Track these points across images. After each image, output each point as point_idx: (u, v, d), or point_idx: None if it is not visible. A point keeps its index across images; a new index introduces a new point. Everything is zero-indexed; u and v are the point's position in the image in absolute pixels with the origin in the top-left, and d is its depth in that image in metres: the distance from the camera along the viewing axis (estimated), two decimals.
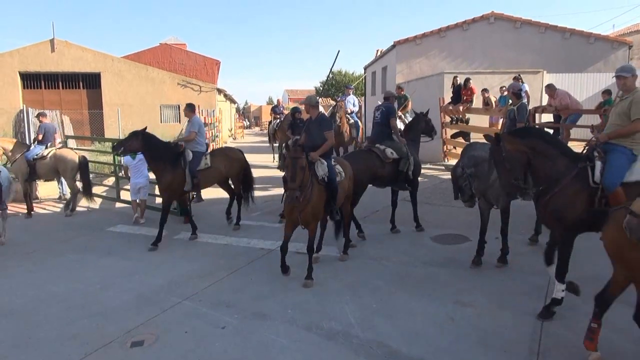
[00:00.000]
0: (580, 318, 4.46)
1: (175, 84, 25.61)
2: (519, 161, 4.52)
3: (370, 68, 26.62)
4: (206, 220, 8.66)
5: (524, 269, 5.78)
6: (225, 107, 31.84)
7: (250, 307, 4.93)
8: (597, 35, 19.90)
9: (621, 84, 4.56)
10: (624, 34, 29.70)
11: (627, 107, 4.44)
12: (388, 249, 6.73)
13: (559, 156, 4.49)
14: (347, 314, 4.72)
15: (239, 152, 8.50)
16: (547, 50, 18.92)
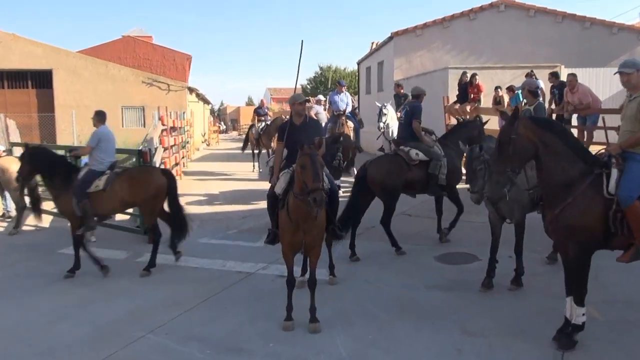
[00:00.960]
0: (606, 347, 4.50)
1: (140, 82, 25.55)
2: (525, 150, 4.48)
3: (364, 63, 26.79)
4: None
5: (542, 292, 5.80)
6: (197, 108, 31.81)
7: (226, 341, 4.88)
8: (620, 25, 20.22)
9: (624, 82, 4.54)
10: None
11: (637, 109, 4.38)
12: (386, 271, 6.73)
13: (575, 159, 4.44)
14: (338, 347, 4.69)
15: (157, 175, 7.38)
16: (565, 42, 19.16)
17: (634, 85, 4.50)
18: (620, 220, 4.22)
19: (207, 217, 10.29)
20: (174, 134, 15.78)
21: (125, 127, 25.13)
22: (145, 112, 25.24)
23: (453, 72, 15.19)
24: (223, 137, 46.23)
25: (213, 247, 8.10)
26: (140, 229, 8.60)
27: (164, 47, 32.47)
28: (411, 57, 20.18)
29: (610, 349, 4.48)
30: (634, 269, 5.07)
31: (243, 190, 13.31)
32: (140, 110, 25.58)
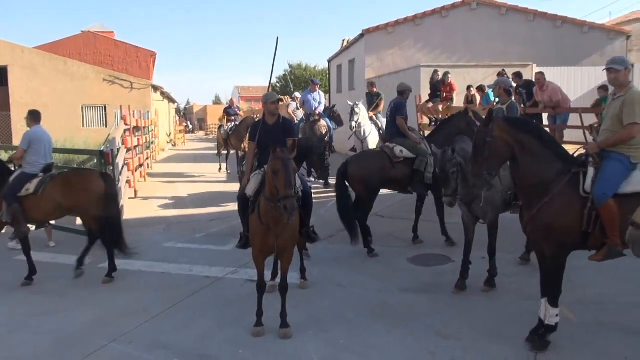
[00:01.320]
0: (579, 348, 4.61)
1: (101, 79, 25.17)
2: (501, 153, 4.58)
3: (335, 61, 26.87)
4: (139, 242, 8.47)
5: (515, 293, 5.91)
6: (162, 107, 31.46)
7: (194, 349, 4.85)
8: (591, 24, 20.76)
9: (612, 79, 4.62)
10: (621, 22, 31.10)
11: (620, 108, 4.47)
12: (359, 274, 6.77)
13: (551, 159, 4.54)
14: (310, 353, 4.70)
15: (95, 179, 7.04)
16: (537, 40, 19.57)
17: (621, 82, 4.58)
18: (595, 219, 4.33)
19: (173, 221, 10.19)
20: (137, 134, 15.56)
21: (85, 126, 24.75)
22: (107, 111, 24.89)
23: (425, 71, 15.36)
24: (190, 137, 45.80)
25: (180, 252, 8.02)
26: None
27: (126, 44, 32.04)
28: (383, 55, 20.31)
29: (583, 350, 4.60)
30: (607, 270, 5.22)
31: (211, 192, 13.21)
32: (101, 109, 25.19)
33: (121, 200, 9.11)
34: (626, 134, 4.44)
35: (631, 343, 4.64)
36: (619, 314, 5.25)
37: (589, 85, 15.55)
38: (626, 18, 34.23)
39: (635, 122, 4.39)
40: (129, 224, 9.52)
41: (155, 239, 8.75)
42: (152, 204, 11.94)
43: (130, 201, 11.66)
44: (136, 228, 9.51)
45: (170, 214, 10.81)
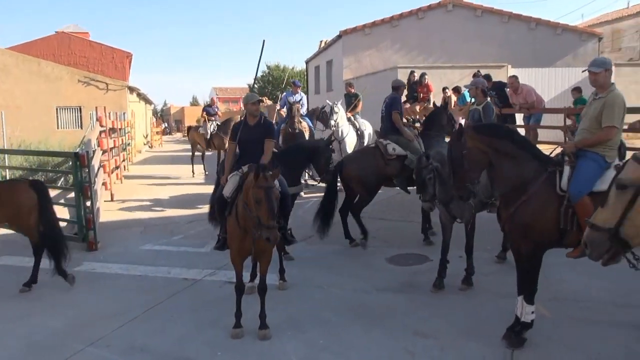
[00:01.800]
0: (554, 344, 4.68)
1: (76, 80, 24.83)
2: (479, 162, 4.67)
3: (312, 62, 26.93)
4: (115, 245, 8.39)
5: (492, 292, 5.97)
6: (139, 108, 31.14)
7: (172, 351, 4.80)
8: (564, 25, 21.15)
9: (592, 80, 4.69)
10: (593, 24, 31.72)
11: (600, 110, 4.54)
12: (337, 274, 6.77)
13: (527, 159, 4.62)
14: (289, 354, 4.69)
15: (23, 189, 6.58)
16: (512, 42, 19.87)
17: (601, 84, 4.65)
18: (571, 216, 4.40)
19: (150, 223, 10.09)
20: (113, 135, 15.37)
21: (60, 128, 24.39)
22: (82, 112, 24.57)
23: (402, 72, 15.48)
24: (167, 139, 45.40)
25: (157, 254, 7.94)
26: (79, 236, 8.34)
27: (102, 44, 31.64)
28: (360, 56, 20.42)
29: (558, 346, 4.66)
30: (581, 267, 5.30)
31: (189, 194, 13.10)
32: (76, 111, 24.85)
33: (97, 202, 8.99)
34: (604, 135, 4.52)
35: (605, 338, 4.72)
36: (593, 310, 5.34)
37: (562, 85, 15.82)
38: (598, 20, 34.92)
39: (613, 125, 4.48)
40: (106, 227, 9.41)
41: (133, 242, 8.65)
42: (128, 206, 11.80)
43: (106, 204, 11.51)
44: (113, 230, 9.39)
45: (147, 216, 10.69)
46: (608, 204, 2.77)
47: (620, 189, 2.69)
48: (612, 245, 2.73)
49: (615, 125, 4.50)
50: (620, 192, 2.68)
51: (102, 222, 9.42)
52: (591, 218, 2.89)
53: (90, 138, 11.01)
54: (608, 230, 2.70)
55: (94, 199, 8.43)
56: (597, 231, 2.74)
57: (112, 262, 7.50)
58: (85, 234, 8.18)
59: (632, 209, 2.62)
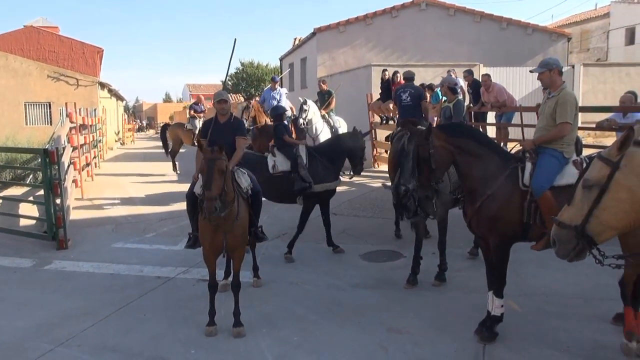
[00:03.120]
0: (525, 338, 4.76)
1: (45, 76, 24.31)
2: (444, 160, 4.78)
3: (287, 59, 26.86)
4: (86, 243, 8.26)
5: (465, 287, 6.05)
6: (110, 105, 30.66)
7: (144, 350, 4.75)
8: (535, 26, 21.48)
9: (540, 80, 4.99)
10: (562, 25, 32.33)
11: (553, 108, 4.78)
12: (311, 272, 6.78)
13: (490, 156, 4.78)
14: (263, 351, 4.68)
15: None
16: (483, 41, 20.10)
17: (547, 83, 4.92)
18: (534, 210, 4.55)
19: (122, 220, 9.95)
20: (84, 132, 15.11)
21: (29, 124, 23.86)
22: (52, 108, 24.06)
23: (376, 70, 15.50)
24: (139, 136, 44.82)
25: (129, 252, 7.83)
26: (48, 234, 8.18)
27: (72, 39, 31.00)
28: (334, 53, 20.43)
29: (528, 339, 4.75)
30: (549, 262, 5.40)
31: (161, 191, 12.96)
32: (46, 107, 24.33)
33: (67, 200, 8.83)
34: (559, 132, 4.73)
35: (574, 331, 4.82)
36: (562, 304, 5.45)
37: (532, 85, 16.05)
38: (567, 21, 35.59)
39: (567, 122, 4.70)
40: (76, 225, 9.26)
41: (104, 240, 8.52)
42: (99, 203, 11.61)
43: (77, 201, 11.32)
44: (83, 228, 9.24)
45: (119, 214, 10.54)
46: (574, 202, 2.82)
47: (587, 188, 2.74)
48: (578, 242, 2.78)
49: (569, 121, 4.72)
50: (586, 191, 2.74)
51: (72, 220, 9.26)
52: (558, 216, 2.94)
53: (60, 134, 10.81)
54: (575, 227, 2.75)
55: (63, 197, 8.28)
56: (564, 229, 2.79)
57: (82, 260, 7.38)
58: (55, 232, 8.02)
59: (597, 207, 2.68)
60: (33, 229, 8.85)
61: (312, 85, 19.87)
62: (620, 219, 2.64)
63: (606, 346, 4.50)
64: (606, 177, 2.66)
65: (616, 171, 2.63)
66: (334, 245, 7.49)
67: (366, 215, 9.61)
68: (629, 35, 28.94)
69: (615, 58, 27.84)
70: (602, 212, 2.67)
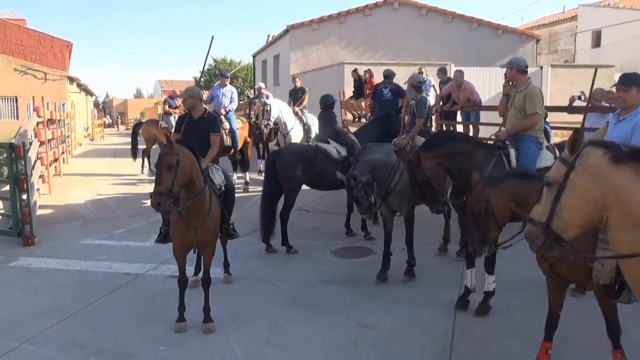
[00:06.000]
0: (495, 333, 4.85)
1: (12, 69, 23.79)
2: (441, 174, 5.12)
3: (260, 56, 26.76)
4: (53, 239, 8.11)
5: (434, 283, 6.12)
6: (79, 99, 30.11)
7: (112, 347, 4.68)
8: (505, 27, 21.84)
9: (506, 75, 5.65)
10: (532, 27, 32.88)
11: (523, 101, 5.41)
12: (282, 268, 6.78)
13: (474, 149, 5.22)
14: (233, 347, 4.66)
15: None
16: (454, 41, 20.34)
17: (512, 79, 5.59)
18: None
19: (90, 217, 9.78)
20: (52, 126, 14.80)
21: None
22: (19, 102, 23.54)
23: (349, 68, 15.57)
24: (109, 132, 44.09)
25: (97, 248, 7.70)
26: (14, 230, 8.00)
27: (40, 32, 30.14)
28: (307, 51, 20.44)
29: (497, 334, 4.84)
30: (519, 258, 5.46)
31: (131, 188, 12.81)
32: (12, 101, 23.81)
33: (34, 196, 8.65)
34: (530, 121, 5.41)
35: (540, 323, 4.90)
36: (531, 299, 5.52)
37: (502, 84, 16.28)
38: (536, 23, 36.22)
39: (536, 112, 5.40)
40: (42, 221, 9.08)
41: (71, 236, 8.37)
42: (67, 199, 11.39)
43: (44, 197, 11.08)
44: (50, 224, 9.06)
45: (87, 210, 10.36)
46: (542, 200, 2.89)
47: (547, 186, 2.81)
48: (546, 238, 2.84)
49: (538, 112, 5.41)
50: (547, 189, 2.81)
51: (39, 216, 9.07)
52: (531, 213, 3.01)
53: (26, 129, 10.59)
54: (541, 224, 2.81)
55: (30, 192, 8.09)
56: (534, 225, 2.86)
57: (49, 257, 7.24)
58: (21, 228, 7.84)
59: (558, 205, 2.75)
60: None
61: (284, 82, 19.84)
62: (579, 217, 2.71)
63: (573, 339, 4.61)
64: (563, 177, 2.73)
65: (571, 171, 2.71)
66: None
67: (337, 212, 9.63)
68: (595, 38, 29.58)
69: (582, 60, 28.42)
70: (563, 210, 2.74)
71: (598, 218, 2.68)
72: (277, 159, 7.49)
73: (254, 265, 6.85)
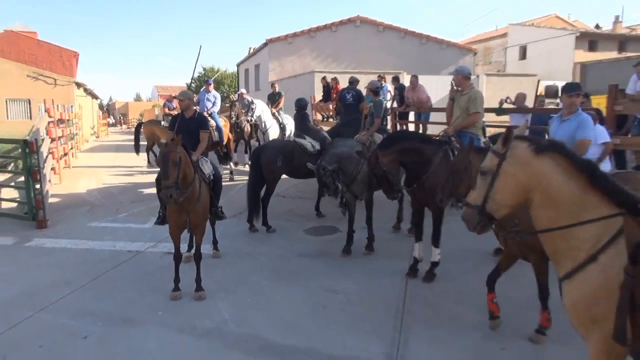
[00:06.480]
0: (441, 295, 4.93)
1: (25, 75, 22.98)
2: (396, 168, 5.13)
3: (243, 65, 26.46)
4: (64, 223, 7.92)
5: (389, 255, 6.18)
6: (86, 102, 29.31)
7: (117, 314, 4.62)
8: (448, 42, 22.02)
9: (454, 81, 5.71)
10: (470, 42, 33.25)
11: (467, 102, 5.43)
12: (263, 245, 6.76)
13: (424, 145, 5.22)
14: (221, 311, 4.64)
15: None
16: (407, 53, 20.48)
17: (458, 84, 5.64)
18: None
19: (97, 203, 9.57)
20: (61, 125, 14.37)
21: (10, 119, 22.54)
22: (32, 105, 22.79)
23: (318, 76, 15.53)
24: (113, 130, 43.11)
25: (103, 230, 7.55)
26: (28, 215, 7.78)
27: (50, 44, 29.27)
28: (283, 61, 20.31)
29: (441, 296, 4.92)
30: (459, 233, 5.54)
31: (133, 178, 12.56)
32: (26, 103, 23.04)
33: (46, 185, 8.42)
34: (472, 119, 5.48)
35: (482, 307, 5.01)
36: (477, 261, 5.64)
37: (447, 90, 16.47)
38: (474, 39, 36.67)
39: (478, 112, 5.47)
40: (54, 207, 8.85)
41: (80, 220, 8.18)
42: (76, 189, 11.12)
43: (55, 187, 10.80)
44: (61, 210, 8.84)
45: (94, 198, 10.13)
46: (476, 186, 2.93)
47: (482, 174, 2.85)
48: (481, 219, 2.89)
49: (479, 111, 5.46)
50: (483, 177, 2.85)
51: (51, 203, 8.84)
52: (466, 198, 3.05)
53: (39, 127, 10.29)
54: (477, 207, 2.86)
55: (43, 182, 7.88)
56: (470, 208, 2.90)
57: (60, 237, 7.08)
58: (35, 213, 7.64)
59: (492, 190, 2.79)
60: (15, 211, 8.40)
61: (264, 88, 19.67)
62: (509, 199, 2.76)
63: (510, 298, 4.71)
64: (496, 166, 2.78)
65: (503, 162, 2.75)
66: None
67: (309, 197, 9.61)
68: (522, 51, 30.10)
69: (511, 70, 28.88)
70: (496, 194, 2.78)
71: (524, 199, 2.73)
72: (261, 153, 7.46)
73: (239, 243, 6.81)
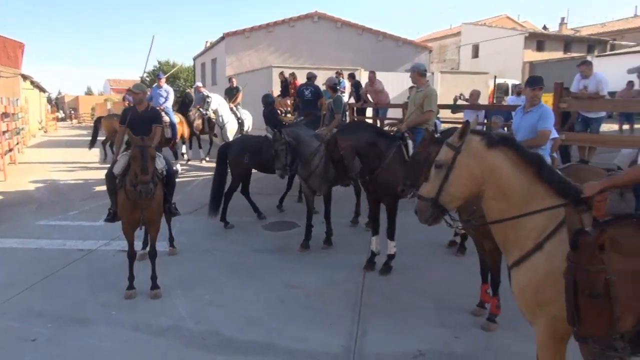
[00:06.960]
0: (394, 288, 5.03)
1: None
2: (351, 154, 5.15)
3: (199, 59, 25.97)
4: (10, 221, 7.56)
5: (347, 249, 6.24)
6: (33, 96, 27.98)
7: (68, 314, 4.46)
8: (404, 39, 22.33)
9: (410, 77, 5.77)
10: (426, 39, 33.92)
11: (421, 99, 5.49)
12: (221, 241, 6.69)
13: (379, 138, 5.30)
14: (178, 309, 4.57)
15: None
16: (364, 50, 20.62)
17: (414, 80, 5.73)
18: None
19: (45, 200, 9.18)
20: (6, 120, 13.70)
21: None
22: None
23: (276, 71, 15.43)
24: (62, 125, 41.36)
25: (52, 228, 7.26)
26: None
27: None
28: (241, 55, 20.05)
29: (396, 288, 5.02)
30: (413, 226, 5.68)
31: (83, 174, 12.09)
32: None
33: None
34: (426, 117, 5.51)
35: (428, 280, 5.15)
36: (431, 253, 5.79)
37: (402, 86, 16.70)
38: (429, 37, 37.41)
39: (431, 110, 5.52)
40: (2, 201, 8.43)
41: (27, 218, 7.83)
42: (22, 186, 10.63)
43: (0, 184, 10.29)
44: (6, 208, 8.44)
45: (42, 195, 9.71)
46: (430, 179, 2.99)
47: (437, 167, 2.92)
48: (434, 211, 2.96)
49: (433, 109, 5.54)
50: (437, 170, 2.91)
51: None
52: (419, 191, 3.10)
53: None
54: (430, 199, 2.92)
55: None
56: (423, 201, 2.96)
57: (6, 237, 6.75)
58: None
59: (446, 182, 2.86)
60: None
61: (221, 82, 19.38)
62: (463, 191, 2.84)
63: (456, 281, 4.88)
64: (451, 159, 2.84)
65: (458, 154, 2.82)
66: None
67: (268, 192, 9.56)
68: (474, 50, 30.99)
69: (464, 67, 29.70)
70: (450, 186, 2.84)
71: (477, 191, 2.81)
72: (227, 150, 7.41)
73: (196, 240, 6.70)
